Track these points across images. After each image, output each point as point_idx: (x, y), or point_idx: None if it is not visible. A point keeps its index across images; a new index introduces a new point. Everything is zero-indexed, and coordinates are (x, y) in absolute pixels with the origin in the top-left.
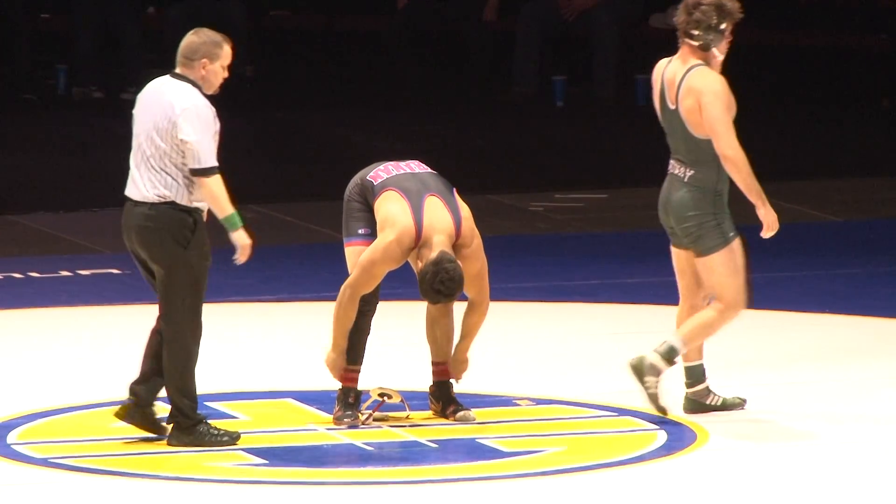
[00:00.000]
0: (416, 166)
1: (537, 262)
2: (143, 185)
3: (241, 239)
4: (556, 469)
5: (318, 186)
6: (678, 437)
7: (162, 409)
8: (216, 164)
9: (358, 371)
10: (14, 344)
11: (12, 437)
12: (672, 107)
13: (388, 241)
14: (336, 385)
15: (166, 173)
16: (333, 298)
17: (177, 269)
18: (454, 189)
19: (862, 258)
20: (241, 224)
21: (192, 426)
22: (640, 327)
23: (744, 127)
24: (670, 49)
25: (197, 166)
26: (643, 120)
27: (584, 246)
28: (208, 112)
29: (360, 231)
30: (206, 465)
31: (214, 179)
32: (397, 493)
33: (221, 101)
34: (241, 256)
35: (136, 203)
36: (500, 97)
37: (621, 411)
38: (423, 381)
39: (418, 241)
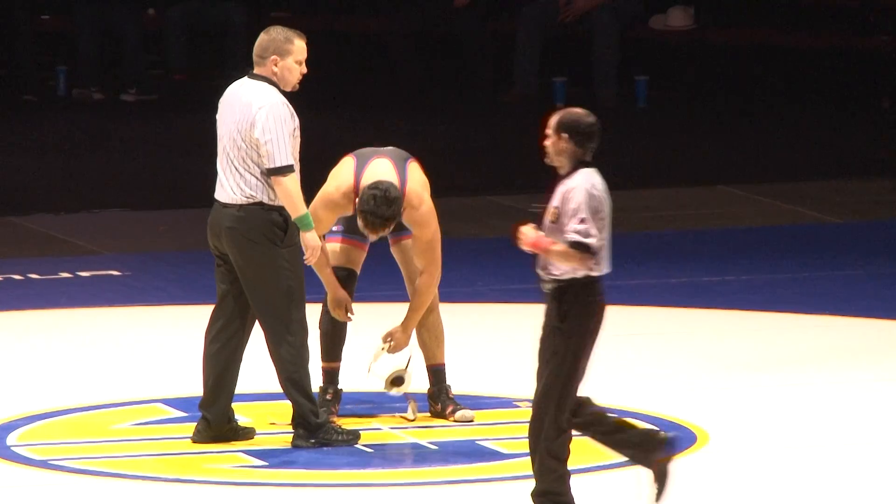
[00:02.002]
0: (383, 147)
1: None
2: (229, 187)
3: (312, 240)
4: None
5: (315, 189)
6: (678, 439)
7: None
8: (291, 162)
9: (336, 368)
10: (14, 346)
11: (12, 439)
12: None
13: (327, 189)
14: (347, 386)
15: (250, 174)
16: None
17: (274, 267)
18: (413, 160)
19: (862, 259)
20: (314, 225)
21: (317, 427)
22: (639, 329)
23: (745, 128)
24: (671, 51)
25: (271, 165)
26: (644, 122)
27: None
28: (283, 110)
29: (333, 228)
30: (205, 467)
31: (289, 178)
32: (397, 494)
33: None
34: (311, 257)
35: (225, 205)
36: (501, 98)
37: (621, 412)
38: (419, 384)
39: (357, 190)
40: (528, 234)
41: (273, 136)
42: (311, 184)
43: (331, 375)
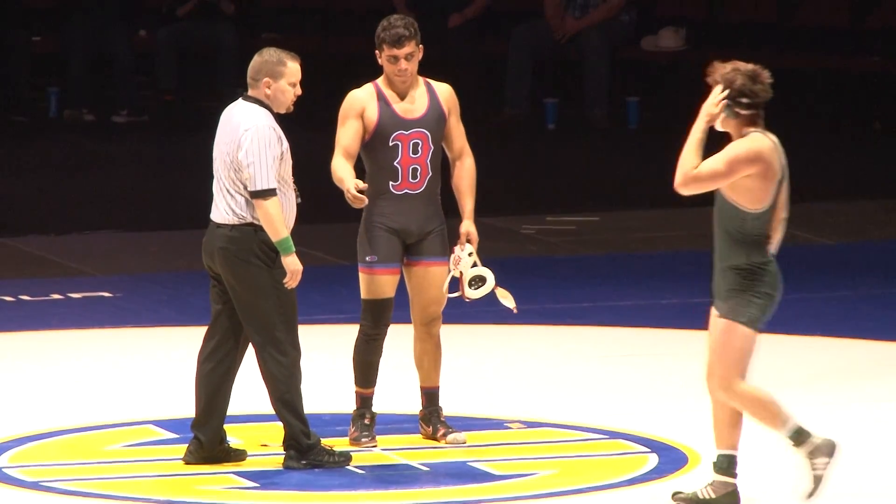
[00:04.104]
0: None
1: (529, 284)
2: (223, 208)
3: (293, 264)
4: (548, 492)
5: (310, 209)
6: (670, 460)
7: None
8: (272, 186)
9: (371, 393)
10: (5, 368)
11: (4, 461)
12: None
13: (341, 109)
14: (340, 408)
15: (241, 195)
16: (323, 321)
17: (265, 288)
18: None
19: (853, 281)
20: (294, 249)
21: (308, 448)
22: (631, 350)
23: None
24: (661, 72)
25: (252, 188)
26: (635, 143)
27: (576, 269)
28: (269, 133)
29: (367, 259)
30: (197, 489)
31: (270, 202)
32: None
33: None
34: (291, 281)
35: (219, 225)
36: (492, 120)
37: (613, 434)
38: (412, 404)
39: (375, 84)
40: None
41: (255, 158)
42: (308, 202)
43: (364, 400)
